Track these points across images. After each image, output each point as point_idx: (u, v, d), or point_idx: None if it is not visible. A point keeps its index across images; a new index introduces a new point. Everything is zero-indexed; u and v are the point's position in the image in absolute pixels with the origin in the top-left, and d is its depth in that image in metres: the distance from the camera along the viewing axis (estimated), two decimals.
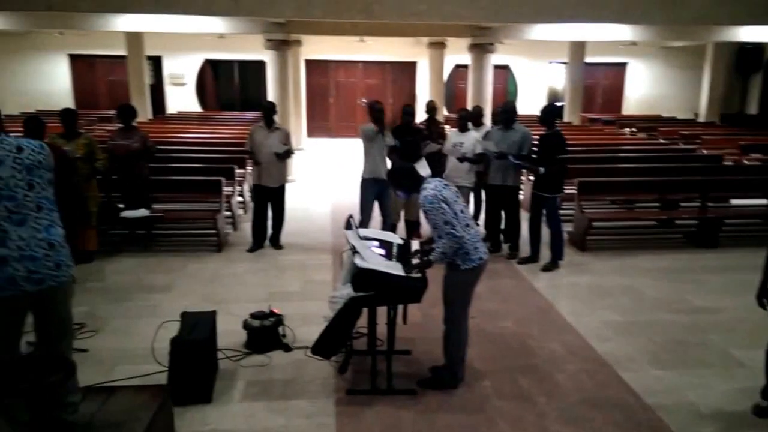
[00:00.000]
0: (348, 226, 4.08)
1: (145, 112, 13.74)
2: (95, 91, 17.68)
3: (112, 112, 14.30)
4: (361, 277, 3.58)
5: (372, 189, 6.55)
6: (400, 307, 4.01)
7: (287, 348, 4.53)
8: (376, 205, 6.63)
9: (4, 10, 8.98)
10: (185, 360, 3.67)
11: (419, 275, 3.71)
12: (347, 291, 3.64)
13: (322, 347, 3.85)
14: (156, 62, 17.20)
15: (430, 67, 15.49)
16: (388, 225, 6.50)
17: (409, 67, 18.27)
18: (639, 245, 7.38)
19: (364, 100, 16.44)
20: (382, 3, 7.81)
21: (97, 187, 6.46)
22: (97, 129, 12.16)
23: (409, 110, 7.00)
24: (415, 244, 4.28)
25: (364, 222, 6.49)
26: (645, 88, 19.33)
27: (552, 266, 6.42)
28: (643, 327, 5.03)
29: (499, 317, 5.20)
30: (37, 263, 2.65)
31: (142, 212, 6.86)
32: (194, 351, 3.71)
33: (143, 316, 5.09)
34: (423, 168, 3.92)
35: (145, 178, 7.08)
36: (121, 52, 14.35)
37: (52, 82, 17.01)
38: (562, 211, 6.71)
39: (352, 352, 4.26)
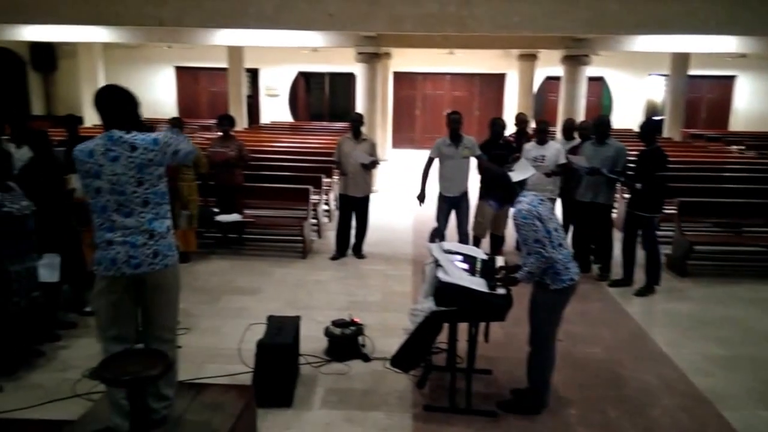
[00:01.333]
0: (432, 239, 4.05)
1: (241, 122, 14.36)
2: (197, 101, 18.71)
3: (211, 121, 15.08)
4: (443, 292, 3.53)
5: (445, 204, 6.51)
6: (482, 325, 3.92)
7: (366, 358, 4.54)
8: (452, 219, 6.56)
9: (121, 24, 9.70)
10: (270, 363, 3.76)
11: (504, 292, 3.61)
12: (429, 305, 3.60)
13: (401, 360, 3.83)
14: (253, 74, 17.97)
15: (519, 79, 15.22)
16: (463, 240, 6.41)
17: (497, 79, 18.05)
18: (745, 273, 6.84)
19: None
20: (476, 16, 7.77)
21: (198, 191, 6.81)
22: (198, 137, 12.83)
23: (499, 123, 6.87)
24: (500, 260, 4.18)
25: (436, 233, 6.42)
26: (756, 102, 18.02)
27: (647, 291, 6.07)
28: (748, 362, 4.63)
29: (588, 342, 4.96)
30: (136, 249, 2.85)
31: (235, 217, 7.16)
32: (278, 355, 3.80)
33: (232, 317, 5.28)
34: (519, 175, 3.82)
35: (239, 185, 7.39)
36: (222, 64, 15.11)
37: (160, 92, 18.16)
38: (659, 233, 6.34)
39: (431, 367, 4.20)
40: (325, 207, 8.91)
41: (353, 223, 7.12)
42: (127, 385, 2.41)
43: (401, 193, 11.25)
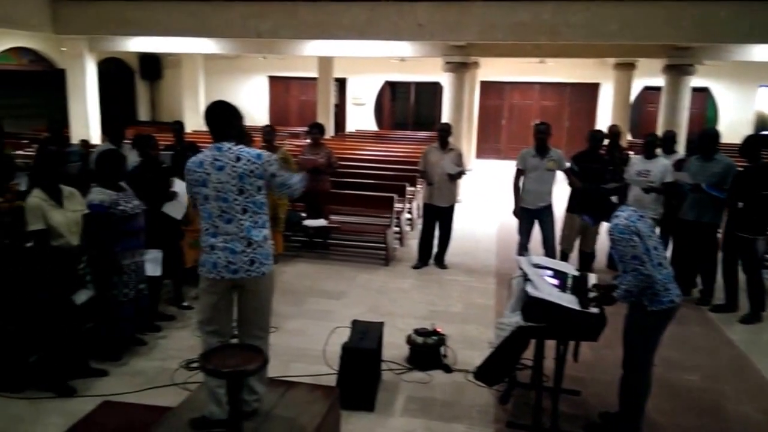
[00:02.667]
0: (520, 251, 3.97)
1: (329, 130, 14.74)
2: (288, 110, 19.38)
3: (300, 129, 15.59)
4: (532, 307, 3.45)
5: (528, 217, 6.36)
6: (572, 343, 3.80)
7: (448, 369, 4.52)
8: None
9: (223, 36, 10.24)
10: (354, 366, 3.83)
11: (597, 311, 3.48)
12: (516, 319, 3.53)
13: (485, 373, 3.78)
14: (341, 84, 18.40)
15: (614, 89, 14.68)
16: (550, 255, 6.22)
17: (590, 89, 17.47)
18: None
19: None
20: (571, 24, 7.59)
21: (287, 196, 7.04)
22: (287, 144, 13.27)
23: (598, 135, 6.64)
24: (592, 278, 4.04)
25: (522, 249, 6.29)
26: None
27: (752, 318, 5.64)
28: None
29: (686, 369, 4.68)
30: (235, 256, 3.04)
31: (321, 222, 7.35)
32: (363, 359, 3.86)
33: (317, 319, 5.41)
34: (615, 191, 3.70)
35: (326, 191, 7.58)
36: (312, 74, 15.59)
37: (253, 101, 18.96)
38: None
39: (515, 383, 4.12)
40: (408, 215, 8.95)
41: (436, 232, 7.12)
42: (226, 377, 2.54)
43: (485, 203, 11.14)
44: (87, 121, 11.18)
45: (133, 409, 3.58)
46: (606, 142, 7.49)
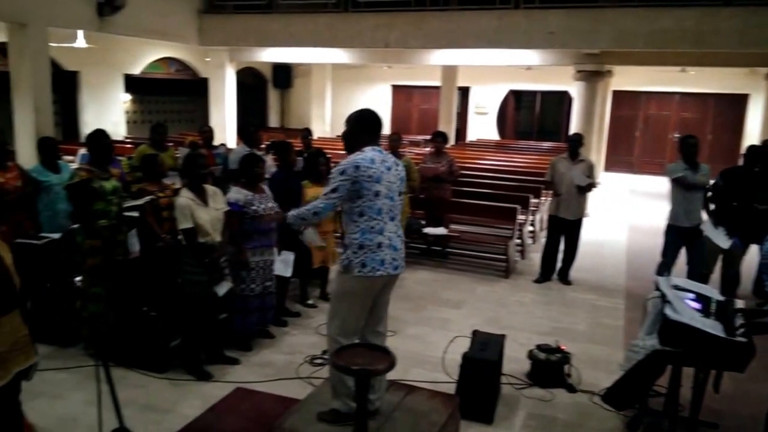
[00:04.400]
0: (660, 272, 3.74)
1: (450, 139, 14.75)
2: (409, 118, 19.66)
3: (421, 137, 15.74)
4: (670, 330, 3.23)
5: (677, 236, 5.92)
6: (712, 372, 3.51)
7: (571, 388, 4.35)
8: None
9: (353, 47, 10.63)
10: (474, 377, 3.79)
11: (745, 340, 3.19)
12: (652, 342, 3.32)
13: (614, 397, 3.59)
14: (464, 92, 18.36)
15: (767, 100, 13.39)
16: (694, 277, 5.76)
17: (737, 101, 16.03)
18: None
19: (677, 135, 14.96)
20: (719, 31, 7.05)
21: (408, 204, 7.15)
22: (407, 151, 13.46)
23: (757, 151, 6.08)
24: (739, 303, 3.70)
25: (663, 268, 5.87)
26: None
27: None
28: None
29: None
30: (397, 253, 3.25)
31: (441, 230, 7.36)
32: (484, 370, 3.81)
33: (436, 327, 5.43)
34: None
35: (447, 200, 7.59)
36: (435, 82, 15.69)
37: (376, 109, 19.43)
38: None
39: (646, 410, 3.87)
40: (531, 228, 8.73)
41: (561, 246, 6.88)
42: (355, 374, 2.62)
43: (614, 219, 10.60)
44: (225, 126, 12.05)
45: (264, 397, 3.80)
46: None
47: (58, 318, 4.70)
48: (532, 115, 18.87)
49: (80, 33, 9.87)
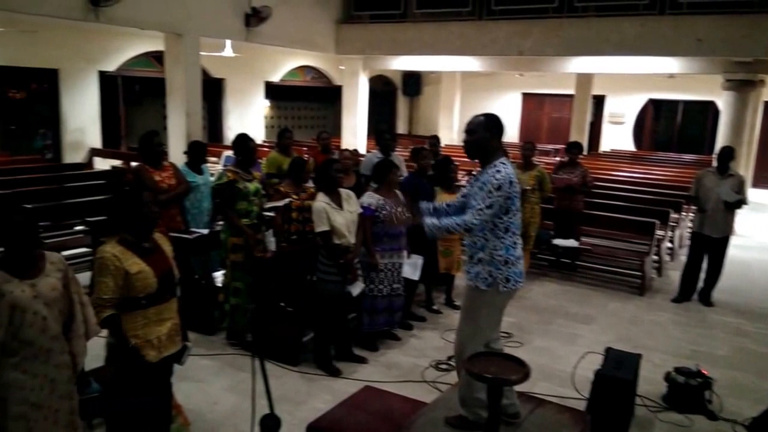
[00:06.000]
0: None
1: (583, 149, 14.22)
2: (539, 127, 19.17)
3: (551, 146, 15.32)
4: None
5: None
6: None
7: (712, 416, 4.08)
8: None
9: (486, 55, 10.60)
10: (607, 395, 3.67)
11: None
12: None
13: (762, 428, 3.32)
14: (598, 101, 17.60)
15: None
16: None
17: None
18: None
19: None
20: None
21: (540, 214, 7.03)
22: (535, 161, 13.15)
23: None
24: None
25: None
26: None
27: None
28: None
29: None
30: (521, 264, 3.25)
31: (572, 243, 7.15)
32: (617, 389, 3.68)
33: (564, 341, 5.31)
34: None
35: (579, 211, 7.36)
36: (568, 91, 15.20)
37: (504, 117, 19.15)
38: None
39: None
40: (669, 244, 8.20)
41: (704, 265, 6.41)
42: (489, 382, 2.66)
43: (764, 238, 9.68)
44: (356, 133, 12.49)
45: (391, 397, 3.92)
46: None
47: (203, 308, 5.11)
48: (672, 126, 17.67)
49: (228, 43, 10.73)
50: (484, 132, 3.20)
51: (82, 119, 11.27)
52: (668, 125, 17.77)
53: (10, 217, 2.52)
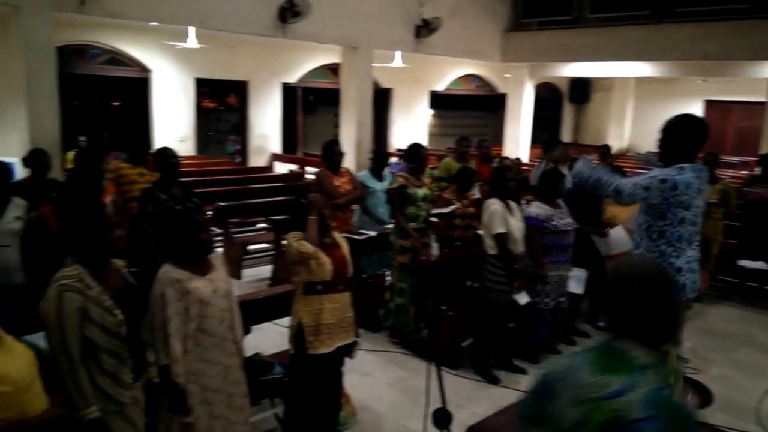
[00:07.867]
0: None
1: None
2: (723, 137, 17.33)
3: (737, 158, 13.86)
4: None
5: None
6: None
7: None
8: None
9: (663, 59, 9.92)
10: None
11: None
12: None
13: None
14: None
15: None
16: None
17: None
18: None
19: None
20: None
21: (723, 232, 6.44)
22: (718, 174, 11.98)
23: None
24: None
25: None
26: None
27: None
28: None
29: None
30: (694, 275, 3.13)
31: (761, 265, 6.44)
32: None
33: (748, 372, 4.82)
34: None
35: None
36: (759, 98, 13.62)
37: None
38: None
39: None
40: None
41: None
42: None
43: None
44: (518, 141, 12.32)
45: None
46: None
47: (370, 306, 5.35)
48: None
49: (398, 54, 11.17)
50: (684, 134, 3.10)
51: (266, 127, 12.44)
52: None
53: (191, 216, 2.69)
